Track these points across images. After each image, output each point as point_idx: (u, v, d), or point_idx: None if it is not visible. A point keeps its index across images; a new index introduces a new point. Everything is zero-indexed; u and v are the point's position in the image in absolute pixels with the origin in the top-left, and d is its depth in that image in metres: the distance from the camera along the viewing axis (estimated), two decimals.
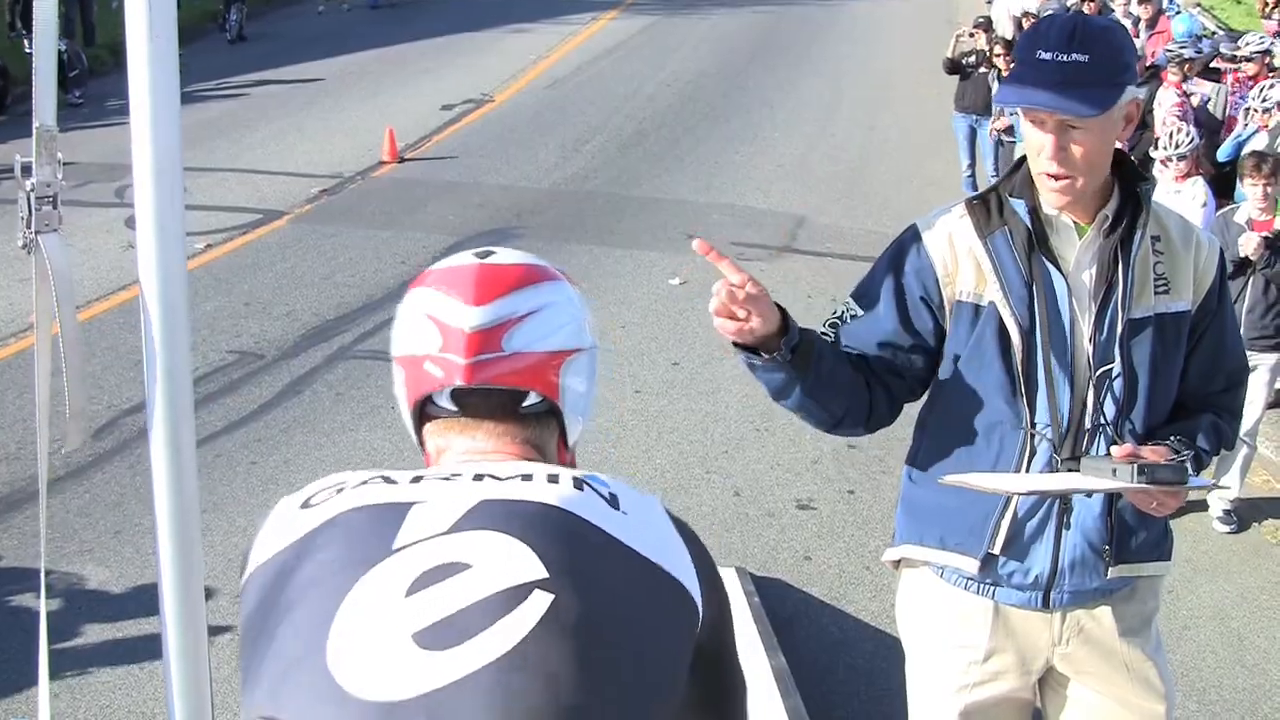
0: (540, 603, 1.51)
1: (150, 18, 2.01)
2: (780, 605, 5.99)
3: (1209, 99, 11.96)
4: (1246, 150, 9.23)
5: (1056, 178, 2.78)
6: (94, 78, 17.28)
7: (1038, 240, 2.87)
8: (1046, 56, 2.71)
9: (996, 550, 2.97)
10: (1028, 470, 2.90)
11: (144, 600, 5.89)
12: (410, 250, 11.70)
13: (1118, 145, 2.88)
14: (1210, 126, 11.44)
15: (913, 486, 3.15)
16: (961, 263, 2.93)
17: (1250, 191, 7.30)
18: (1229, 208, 7.70)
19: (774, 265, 11.61)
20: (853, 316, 3.06)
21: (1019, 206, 2.89)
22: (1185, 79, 11.63)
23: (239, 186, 13.66)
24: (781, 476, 7.51)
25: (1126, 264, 2.84)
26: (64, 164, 2.07)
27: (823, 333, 3.03)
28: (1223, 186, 9.69)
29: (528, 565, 1.55)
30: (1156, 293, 2.88)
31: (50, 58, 2.09)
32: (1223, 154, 10.77)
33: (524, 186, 13.86)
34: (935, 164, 14.57)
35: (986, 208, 2.95)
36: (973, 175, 13.38)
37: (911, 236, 3.04)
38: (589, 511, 1.64)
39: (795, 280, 11.22)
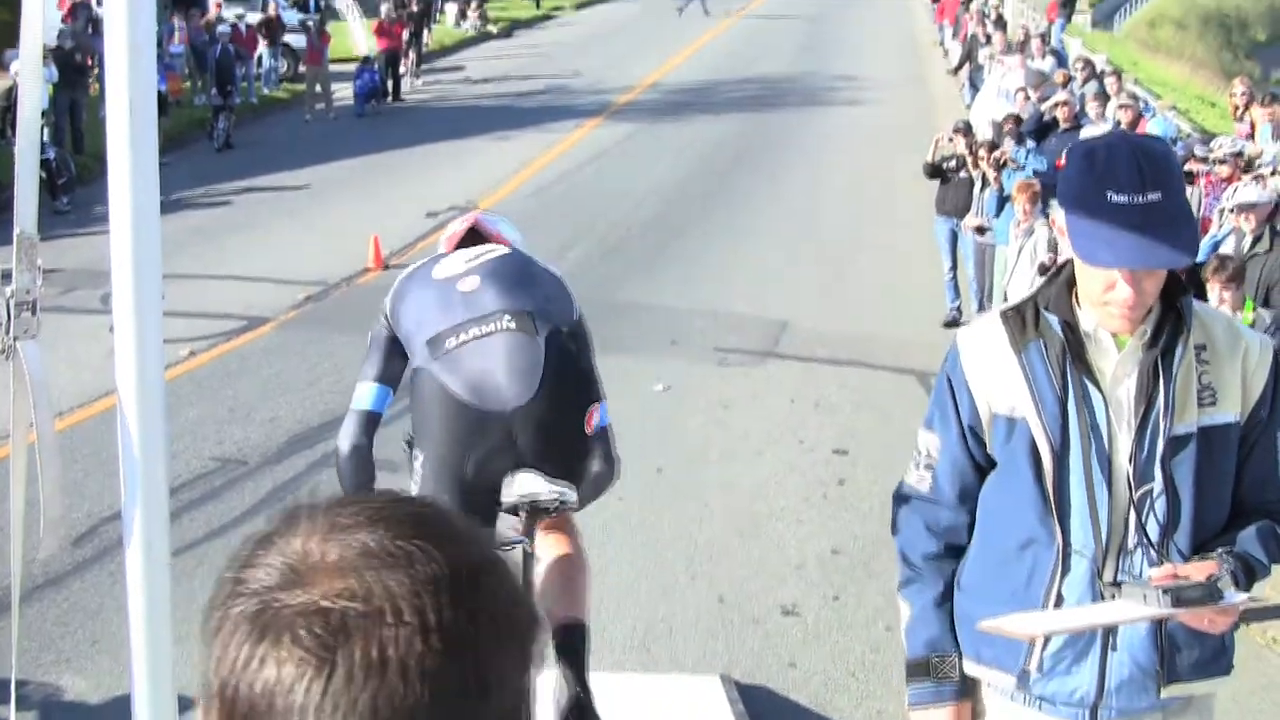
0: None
1: (131, 126, 2.03)
2: (765, 713, 5.92)
3: None
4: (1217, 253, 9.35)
5: (1131, 308, 2.70)
6: (81, 185, 17.40)
7: (1074, 354, 2.78)
8: (1121, 200, 2.60)
9: (1032, 668, 2.89)
10: (1061, 589, 2.82)
11: (122, 711, 5.77)
12: None
13: None
14: None
15: (958, 594, 3.06)
16: (996, 376, 2.85)
17: (1212, 294, 7.40)
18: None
19: (758, 371, 11.64)
20: (936, 451, 2.98)
21: (1054, 320, 2.80)
22: None
23: (224, 292, 13.69)
24: (766, 582, 7.45)
25: (1168, 378, 2.74)
26: (49, 270, 2.07)
27: (919, 478, 2.99)
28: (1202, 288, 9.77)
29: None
30: (1201, 405, 2.78)
31: (32, 164, 2.10)
32: (1198, 255, 10.88)
33: None
34: (918, 267, 14.67)
35: (1022, 319, 2.87)
36: (954, 279, 13.47)
37: (952, 356, 2.97)
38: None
39: (779, 386, 11.26)
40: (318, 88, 25.67)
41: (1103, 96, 16.95)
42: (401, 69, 28.46)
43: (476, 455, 3.94)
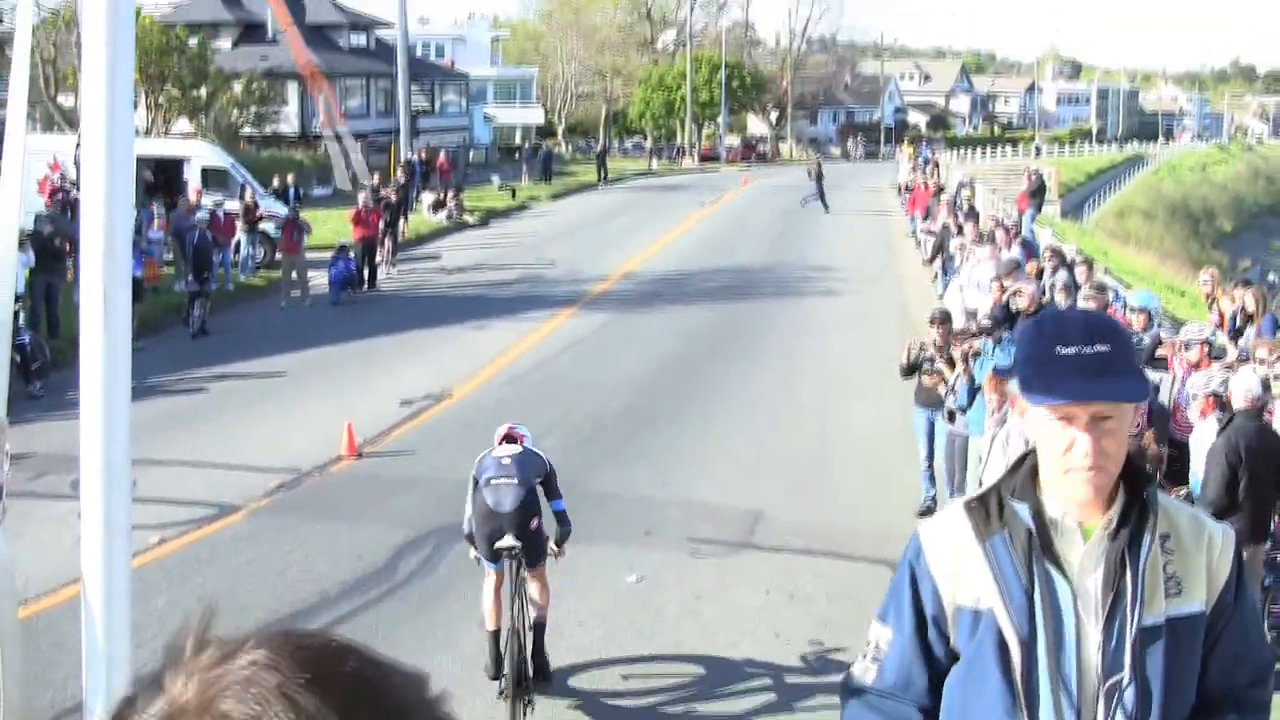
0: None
1: (105, 312, 2.15)
2: None
3: (1157, 385, 12.34)
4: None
5: (1091, 469, 2.73)
6: (56, 369, 17.54)
7: (1041, 544, 2.79)
8: (1069, 351, 2.70)
9: None
10: None
11: None
12: (367, 546, 11.76)
13: None
14: (1160, 413, 11.80)
15: None
16: (960, 568, 2.85)
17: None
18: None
19: (731, 561, 11.70)
20: (886, 644, 3.00)
21: (1021, 509, 2.82)
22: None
23: (196, 479, 13.76)
24: None
25: (1135, 568, 2.76)
26: (19, 456, 2.20)
27: (865, 669, 3.02)
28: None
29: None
30: (1168, 596, 2.79)
31: (4, 348, 2.22)
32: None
33: None
34: (893, 458, 14.85)
35: (985, 510, 2.89)
36: (931, 468, 13.60)
37: (913, 546, 2.98)
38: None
39: (753, 576, 11.32)
40: (294, 275, 26.10)
41: (1072, 286, 17.39)
42: (378, 257, 29.00)
43: (489, 528, 8.66)
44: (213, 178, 31.41)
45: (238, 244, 28.47)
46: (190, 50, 49.24)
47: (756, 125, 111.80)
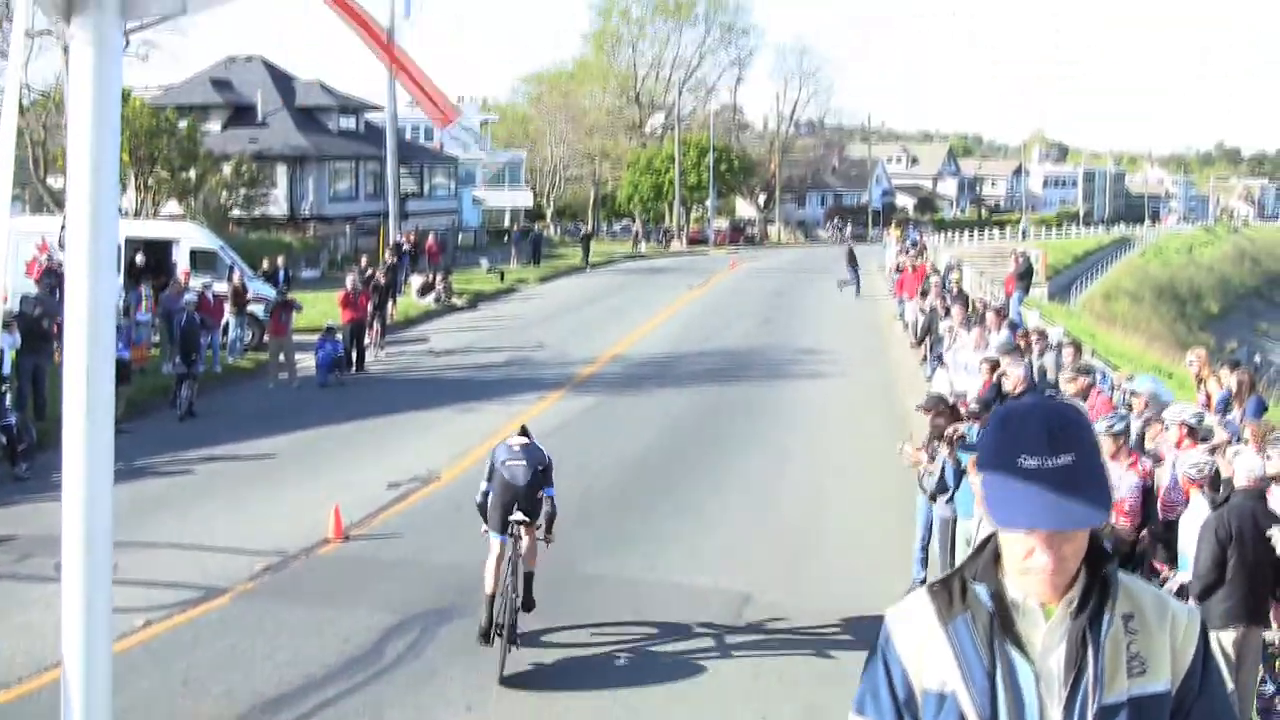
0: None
1: (88, 393, 2.21)
2: None
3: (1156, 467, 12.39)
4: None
5: (1051, 574, 2.77)
6: (42, 450, 17.58)
7: (1002, 625, 2.83)
8: (1032, 464, 2.72)
9: None
10: None
11: None
12: (353, 629, 11.76)
13: None
14: (1148, 493, 11.83)
15: None
16: (925, 652, 2.90)
17: None
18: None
19: (720, 644, 11.71)
20: None
21: (982, 591, 2.86)
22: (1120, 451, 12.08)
23: (182, 562, 13.77)
24: None
25: (1097, 647, 2.78)
26: (6, 539, 2.27)
27: None
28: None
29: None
30: (1131, 675, 2.80)
31: None
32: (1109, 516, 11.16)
33: (470, 565, 14.00)
34: (882, 540, 14.92)
35: (949, 593, 2.93)
36: (925, 552, 13.58)
37: (884, 633, 3.01)
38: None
39: (741, 659, 11.33)
40: (281, 357, 26.20)
41: (1057, 368, 17.57)
42: (366, 340, 29.17)
43: (505, 498, 11.03)
44: (201, 259, 31.61)
45: (226, 326, 28.61)
46: (180, 132, 49.73)
47: (745, 208, 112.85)
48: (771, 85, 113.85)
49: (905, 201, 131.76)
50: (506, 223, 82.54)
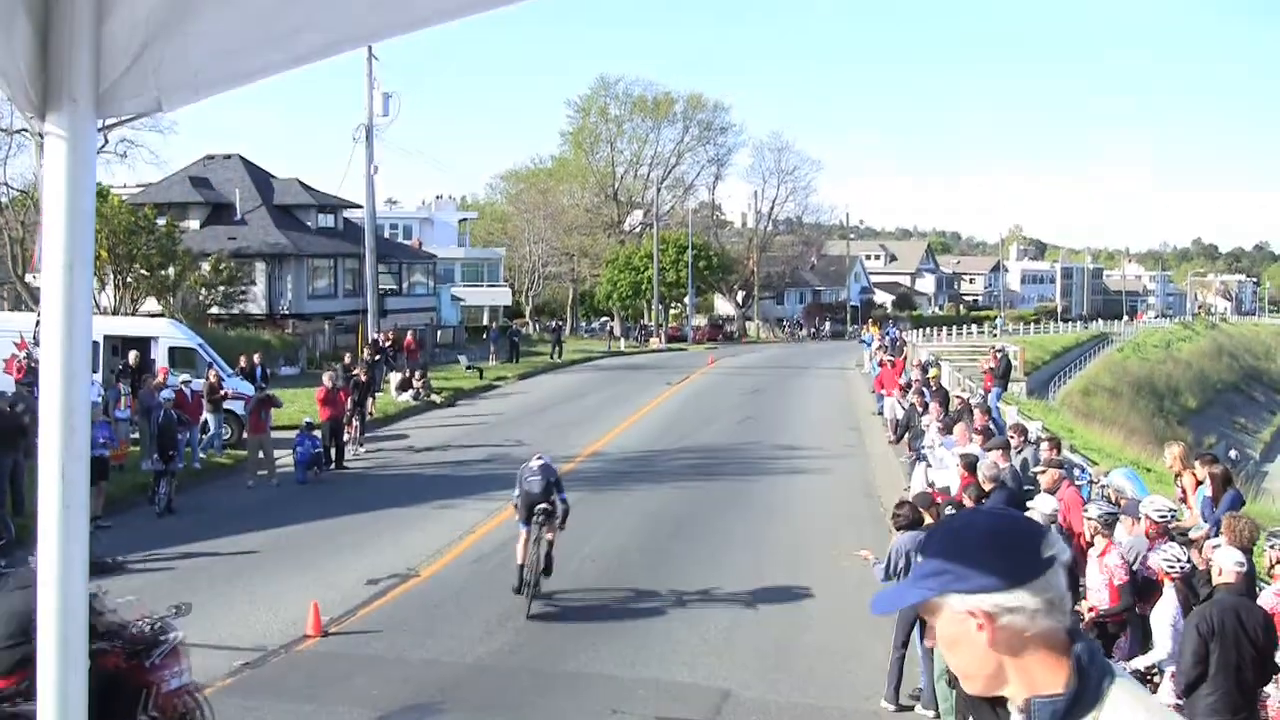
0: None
1: (62, 490, 2.31)
2: None
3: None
4: None
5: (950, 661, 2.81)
6: (20, 546, 17.63)
7: None
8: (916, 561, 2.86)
9: None
10: None
11: None
12: None
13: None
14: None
15: None
16: None
17: None
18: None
19: None
20: None
21: None
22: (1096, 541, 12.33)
23: None
24: None
25: None
26: None
27: None
28: None
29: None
30: None
31: None
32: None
33: (448, 661, 14.13)
34: (861, 636, 15.03)
35: None
36: (903, 655, 13.51)
37: None
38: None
39: None
40: (260, 454, 26.31)
41: (1034, 463, 17.79)
42: (345, 436, 29.30)
43: (527, 503, 16.28)
44: (180, 356, 31.83)
45: (205, 423, 28.72)
46: (158, 230, 50.07)
47: (723, 305, 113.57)
48: (749, 184, 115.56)
49: (884, 298, 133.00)
50: (485, 320, 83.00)
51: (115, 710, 9.16)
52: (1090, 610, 11.92)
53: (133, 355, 30.80)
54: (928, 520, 13.30)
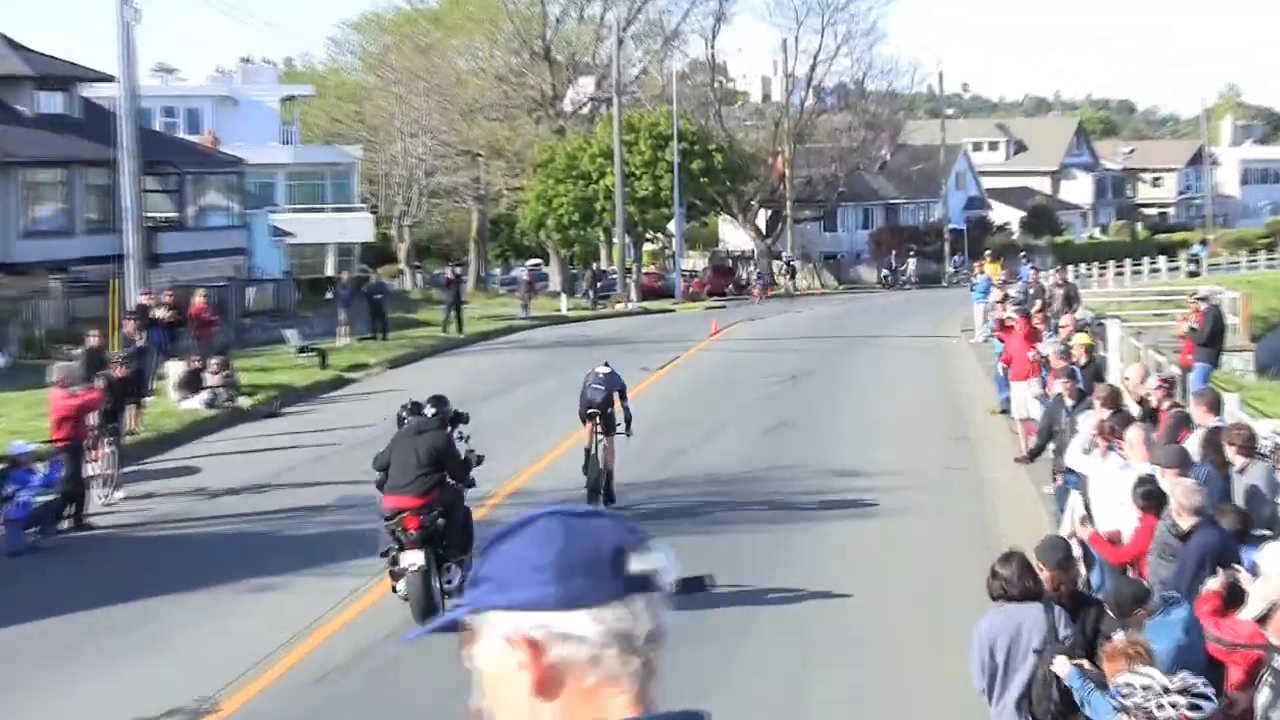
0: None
1: None
2: None
3: None
4: None
5: None
6: None
7: None
8: None
9: None
10: None
11: None
12: None
13: None
14: None
15: None
16: None
17: None
18: None
19: None
20: None
21: None
22: None
23: None
24: None
25: None
26: None
27: None
28: None
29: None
30: None
31: None
32: None
33: None
34: None
35: None
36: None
37: None
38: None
39: None
40: None
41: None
42: (89, 470, 28.85)
43: (585, 409, 30.37)
44: None
45: None
46: None
47: (734, 234, 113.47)
48: (774, 27, 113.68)
49: (1007, 215, 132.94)
50: (330, 269, 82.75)
51: None
52: None
53: None
54: (1049, 582, 13.34)
